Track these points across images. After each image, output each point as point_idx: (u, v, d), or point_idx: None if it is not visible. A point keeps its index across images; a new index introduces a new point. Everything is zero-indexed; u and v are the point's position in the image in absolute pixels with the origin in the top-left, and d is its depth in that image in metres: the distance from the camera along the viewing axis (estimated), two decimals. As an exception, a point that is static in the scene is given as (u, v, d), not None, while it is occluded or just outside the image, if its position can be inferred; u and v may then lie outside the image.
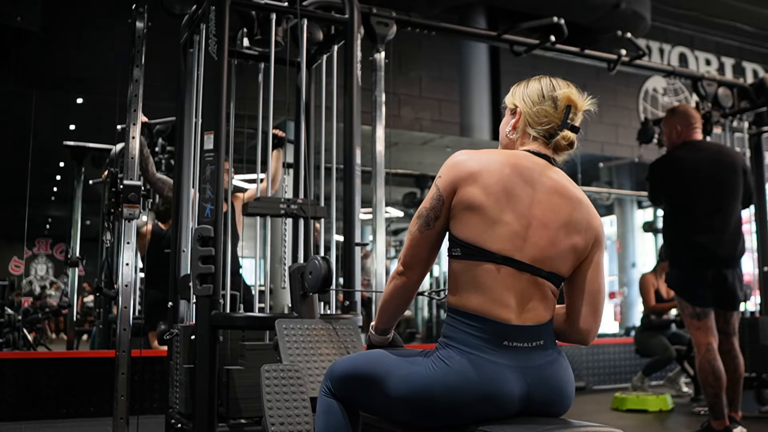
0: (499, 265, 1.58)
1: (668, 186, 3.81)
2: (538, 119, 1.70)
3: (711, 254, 3.63)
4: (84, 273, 6.24)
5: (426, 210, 1.67)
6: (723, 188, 3.70)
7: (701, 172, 3.70)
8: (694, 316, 3.66)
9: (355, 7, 3.11)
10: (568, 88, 1.70)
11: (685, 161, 3.77)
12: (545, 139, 1.70)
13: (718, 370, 3.58)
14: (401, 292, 1.73)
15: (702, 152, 3.80)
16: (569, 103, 1.68)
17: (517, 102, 1.75)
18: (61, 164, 6.59)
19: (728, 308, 3.72)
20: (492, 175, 1.61)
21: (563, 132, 1.68)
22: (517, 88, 1.77)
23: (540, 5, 6.05)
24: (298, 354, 2.36)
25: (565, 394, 1.63)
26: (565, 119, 1.68)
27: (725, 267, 3.66)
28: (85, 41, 5.72)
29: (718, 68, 8.88)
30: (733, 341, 3.74)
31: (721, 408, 3.59)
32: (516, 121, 1.74)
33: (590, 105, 1.71)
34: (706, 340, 3.62)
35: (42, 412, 4.25)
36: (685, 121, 3.85)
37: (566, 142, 1.69)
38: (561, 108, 1.68)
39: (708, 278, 3.64)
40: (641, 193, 9.33)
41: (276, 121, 3.56)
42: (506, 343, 1.57)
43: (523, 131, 1.73)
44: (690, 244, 3.69)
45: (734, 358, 3.71)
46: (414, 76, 7.07)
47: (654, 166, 3.94)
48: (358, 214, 3.03)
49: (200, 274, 2.67)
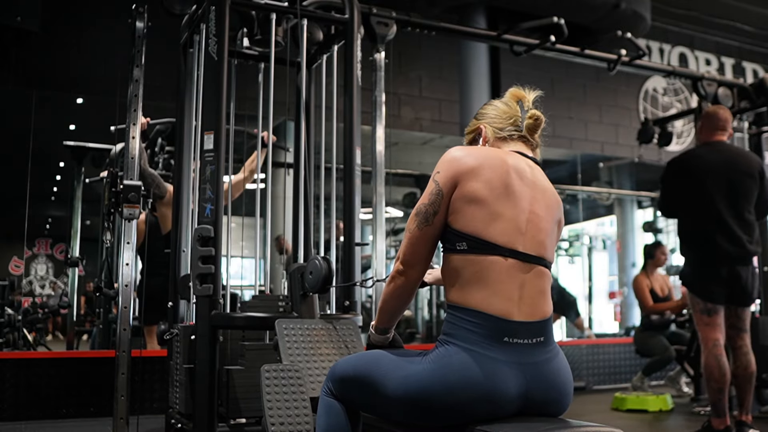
0: (506, 258, 1.61)
1: (683, 182, 3.84)
2: (503, 120, 1.83)
3: (725, 252, 3.66)
4: (84, 273, 6.24)
5: (425, 206, 1.68)
6: (737, 190, 3.73)
7: (716, 172, 3.74)
8: (704, 311, 3.68)
9: (355, 7, 3.11)
10: (511, 89, 1.85)
11: (702, 159, 3.82)
12: (518, 132, 1.81)
13: (724, 365, 3.60)
14: (401, 292, 1.74)
15: (720, 153, 3.83)
16: (518, 98, 1.84)
17: (474, 126, 1.88)
18: (61, 164, 6.58)
19: (741, 304, 3.74)
20: (493, 170, 1.65)
21: (527, 114, 1.81)
22: (471, 123, 1.92)
23: (540, 5, 6.05)
24: (298, 354, 2.36)
25: (564, 392, 1.64)
26: (522, 109, 1.83)
27: (739, 264, 3.68)
28: (85, 41, 5.72)
29: (718, 68, 8.88)
30: (745, 338, 3.76)
31: (723, 406, 3.59)
32: (485, 137, 1.84)
33: (535, 94, 1.83)
34: (714, 336, 3.64)
35: (42, 412, 4.24)
36: (710, 122, 3.93)
37: (533, 119, 1.80)
38: (514, 105, 1.84)
39: (722, 275, 3.66)
40: (641, 193, 9.34)
41: (276, 121, 3.56)
42: (507, 339, 1.57)
43: (495, 138, 1.83)
44: (704, 242, 3.72)
45: (746, 355, 3.73)
46: (414, 76, 7.07)
47: (671, 163, 3.98)
48: (358, 214, 3.03)
49: (200, 274, 2.67)
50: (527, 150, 1.81)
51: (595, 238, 10.04)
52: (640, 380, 5.33)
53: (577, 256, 9.94)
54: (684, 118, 7.51)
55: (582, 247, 9.91)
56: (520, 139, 1.81)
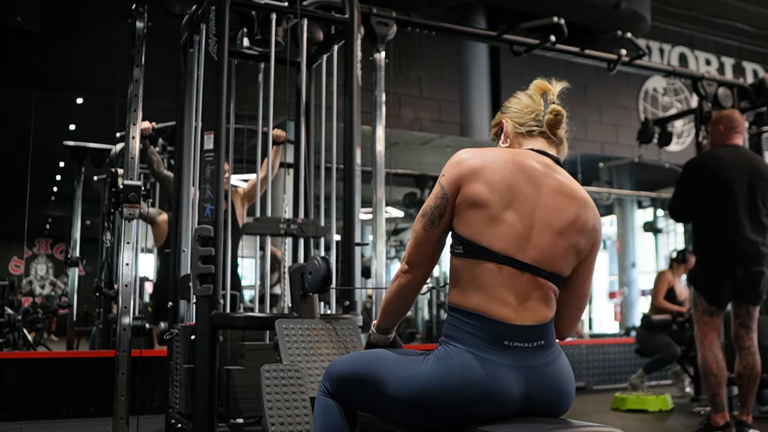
0: (500, 265, 1.58)
1: (705, 182, 3.83)
2: (525, 114, 1.78)
3: (741, 252, 3.68)
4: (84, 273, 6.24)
5: (430, 208, 1.67)
6: (755, 193, 3.76)
7: (738, 174, 3.75)
8: (707, 312, 3.73)
9: (355, 7, 3.11)
10: (537, 81, 1.81)
11: (725, 160, 3.82)
12: (539, 128, 1.76)
13: (721, 360, 3.66)
14: (405, 291, 1.73)
15: (740, 156, 3.86)
16: (543, 90, 1.79)
17: (498, 119, 1.85)
18: (61, 164, 6.59)
19: (752, 303, 3.76)
20: (496, 172, 1.62)
21: (548, 109, 1.76)
22: (496, 115, 1.87)
23: (540, 5, 6.05)
24: (298, 354, 2.36)
25: (566, 394, 1.63)
26: (545, 102, 1.77)
27: (754, 265, 3.70)
28: (85, 41, 5.71)
29: (718, 68, 8.88)
30: (753, 337, 3.77)
31: (722, 401, 3.62)
32: (506, 132, 1.80)
33: (561, 86, 1.80)
34: (712, 336, 3.71)
35: (42, 412, 4.25)
36: (729, 124, 3.94)
37: (554, 114, 1.75)
38: (538, 97, 1.78)
39: (737, 275, 3.68)
40: (641, 193, 9.35)
41: (276, 121, 3.56)
42: (506, 342, 1.56)
43: (516, 134, 1.79)
44: (721, 242, 3.74)
45: (753, 355, 3.74)
46: (414, 76, 7.06)
47: (691, 164, 3.96)
48: (358, 214, 3.03)
49: (200, 274, 2.67)
50: (549, 147, 1.75)
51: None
52: (639, 378, 5.31)
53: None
54: (684, 118, 7.51)
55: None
56: (541, 135, 1.76)
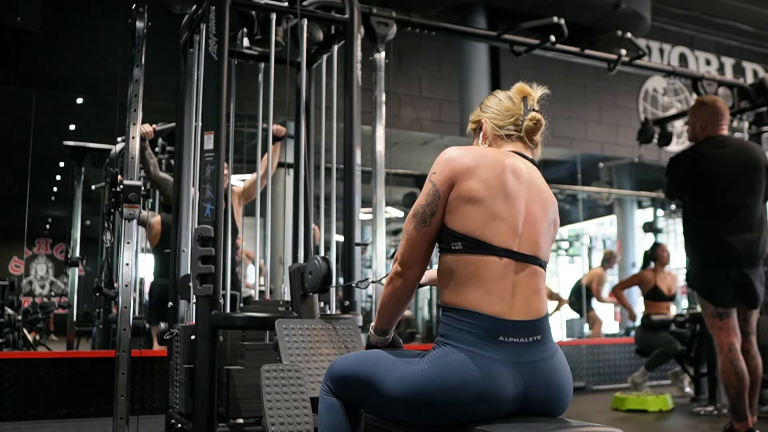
0: (501, 258, 1.61)
1: (690, 182, 3.69)
2: (504, 117, 1.81)
3: (734, 253, 3.54)
4: (84, 273, 6.24)
5: (422, 207, 1.68)
6: (746, 186, 3.61)
7: (724, 169, 3.59)
8: (716, 315, 3.57)
9: (355, 7, 3.12)
10: (518, 84, 1.83)
11: (709, 157, 3.65)
12: (517, 132, 1.79)
13: (741, 370, 3.49)
14: (400, 293, 1.74)
15: (726, 149, 3.67)
16: (524, 94, 1.81)
17: (477, 117, 1.87)
18: (61, 164, 6.58)
19: (749, 306, 3.63)
20: (489, 170, 1.66)
21: (528, 115, 1.78)
22: (475, 111, 1.90)
23: (540, 5, 6.05)
24: (298, 354, 2.36)
25: (563, 392, 1.63)
26: (525, 107, 1.80)
27: (748, 266, 3.56)
28: (85, 41, 5.72)
29: (718, 68, 8.88)
30: (752, 340, 3.66)
31: (744, 409, 3.48)
32: (485, 133, 1.83)
33: (542, 91, 1.82)
34: (729, 340, 3.53)
35: (42, 412, 4.25)
36: (712, 115, 3.73)
37: (533, 122, 1.78)
38: (518, 101, 1.81)
39: (730, 277, 3.54)
40: (641, 193, 9.34)
41: (276, 121, 3.56)
42: (502, 338, 1.57)
43: (494, 135, 1.81)
44: (712, 243, 3.60)
45: (753, 358, 3.63)
46: (414, 76, 7.06)
47: (675, 161, 3.80)
48: (358, 214, 3.03)
49: (200, 274, 2.67)
50: (525, 150, 1.79)
51: (595, 238, 10.04)
52: (641, 375, 5.29)
53: (577, 256, 9.94)
54: (684, 118, 7.50)
55: (582, 247, 9.92)
56: (518, 140, 1.79)
